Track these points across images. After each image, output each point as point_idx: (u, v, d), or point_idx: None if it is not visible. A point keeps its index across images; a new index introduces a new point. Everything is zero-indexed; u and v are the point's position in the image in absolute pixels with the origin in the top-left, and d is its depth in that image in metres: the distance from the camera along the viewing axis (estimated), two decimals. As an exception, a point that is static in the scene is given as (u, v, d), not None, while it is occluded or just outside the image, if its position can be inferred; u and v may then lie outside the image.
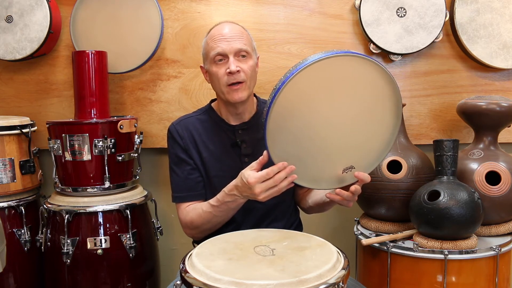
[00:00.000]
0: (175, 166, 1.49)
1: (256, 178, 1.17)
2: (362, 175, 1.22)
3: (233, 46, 1.38)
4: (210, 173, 1.46)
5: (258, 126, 1.49)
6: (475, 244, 1.46)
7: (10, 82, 2.06)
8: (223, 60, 1.39)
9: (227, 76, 1.38)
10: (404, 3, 1.86)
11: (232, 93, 1.39)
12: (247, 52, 1.40)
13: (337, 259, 1.04)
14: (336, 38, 1.97)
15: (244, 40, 1.41)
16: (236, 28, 1.43)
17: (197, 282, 0.95)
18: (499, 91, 1.96)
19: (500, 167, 1.57)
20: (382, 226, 1.66)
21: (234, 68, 1.36)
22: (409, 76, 1.98)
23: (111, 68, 1.91)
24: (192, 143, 1.47)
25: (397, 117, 1.22)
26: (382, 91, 1.17)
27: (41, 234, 1.79)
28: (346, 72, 1.13)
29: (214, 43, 1.40)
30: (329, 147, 1.19)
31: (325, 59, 1.08)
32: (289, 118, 1.12)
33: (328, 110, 1.16)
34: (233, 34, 1.40)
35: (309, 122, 1.15)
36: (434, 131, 1.99)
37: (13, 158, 1.78)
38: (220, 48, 1.38)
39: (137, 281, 1.76)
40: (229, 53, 1.38)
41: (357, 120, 1.19)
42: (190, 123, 1.50)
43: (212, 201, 1.36)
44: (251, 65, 1.41)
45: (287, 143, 1.15)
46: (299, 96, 1.11)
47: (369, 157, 1.25)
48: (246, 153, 1.47)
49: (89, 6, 1.94)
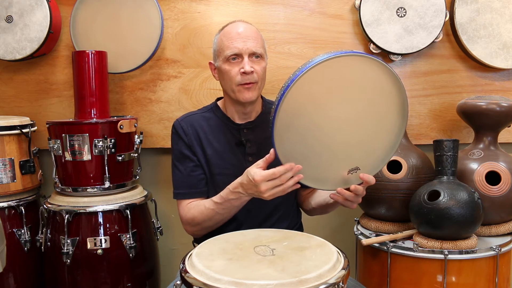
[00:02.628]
0: (178, 162, 1.48)
1: (262, 176, 1.18)
2: (367, 177, 1.22)
3: (248, 47, 1.38)
4: (214, 171, 1.46)
5: (264, 126, 1.48)
6: (475, 244, 1.46)
7: (10, 82, 2.06)
8: (236, 59, 1.39)
9: (241, 75, 1.38)
10: (404, 3, 1.86)
11: (244, 91, 1.39)
12: (261, 54, 1.41)
13: (337, 259, 1.04)
14: (336, 38, 1.97)
15: (259, 41, 1.42)
16: (252, 28, 1.43)
17: (197, 282, 0.95)
18: (499, 91, 1.96)
19: (500, 167, 1.57)
20: (382, 226, 1.66)
21: (248, 69, 1.36)
22: (409, 76, 1.98)
23: (111, 68, 1.91)
24: (197, 140, 1.47)
25: (403, 117, 1.22)
26: (388, 92, 1.18)
27: (41, 234, 1.79)
28: (352, 72, 1.13)
29: (229, 41, 1.39)
30: (335, 146, 1.20)
31: (332, 59, 1.08)
32: (296, 117, 1.13)
33: (335, 109, 1.16)
34: (249, 34, 1.40)
35: (316, 122, 1.15)
36: (434, 131, 1.99)
37: (13, 158, 1.78)
38: (235, 48, 1.37)
39: (137, 281, 1.76)
40: (244, 53, 1.38)
41: (363, 120, 1.19)
42: (195, 120, 1.50)
43: (216, 198, 1.36)
44: (264, 66, 1.42)
45: (294, 142, 1.16)
46: (307, 96, 1.12)
47: (375, 158, 1.25)
48: (251, 152, 1.46)
49: (89, 6, 1.94)
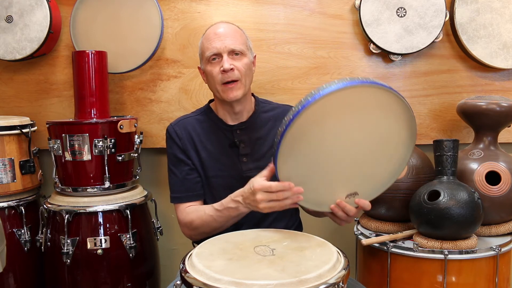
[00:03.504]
0: (173, 167, 1.49)
1: (261, 185, 1.18)
2: (362, 203, 1.23)
3: (226, 45, 1.39)
4: (209, 173, 1.47)
5: (256, 126, 1.50)
6: (475, 244, 1.46)
7: (10, 82, 2.06)
8: (217, 59, 1.41)
9: (221, 74, 1.39)
10: (404, 3, 1.86)
11: (227, 91, 1.41)
12: (241, 51, 1.42)
13: (337, 259, 1.04)
14: (336, 38, 1.97)
15: (238, 38, 1.43)
16: (230, 27, 1.45)
17: (197, 282, 0.95)
18: (499, 91, 1.96)
19: (500, 167, 1.57)
20: (382, 226, 1.66)
21: (227, 66, 1.38)
22: (409, 76, 1.98)
23: (111, 68, 1.91)
24: (191, 143, 1.48)
25: (409, 149, 1.21)
26: (398, 123, 1.16)
27: (41, 234, 1.79)
28: (363, 102, 1.11)
29: (208, 43, 1.42)
30: (336, 172, 1.19)
31: (347, 89, 1.05)
32: (302, 142, 1.12)
33: (342, 136, 1.15)
34: (227, 33, 1.42)
35: (321, 148, 1.14)
36: (434, 131, 1.99)
37: (13, 158, 1.78)
38: (214, 48, 1.40)
39: (137, 281, 1.76)
40: (222, 52, 1.39)
41: (368, 148, 1.18)
42: (189, 123, 1.51)
43: (216, 205, 1.36)
44: (246, 63, 1.42)
45: (296, 164, 1.15)
46: (315, 123, 1.10)
47: (374, 185, 1.25)
48: (245, 152, 1.47)
49: (89, 6, 1.94)
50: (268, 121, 1.52)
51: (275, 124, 1.51)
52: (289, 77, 1.99)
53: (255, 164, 1.46)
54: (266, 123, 1.52)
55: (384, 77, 1.98)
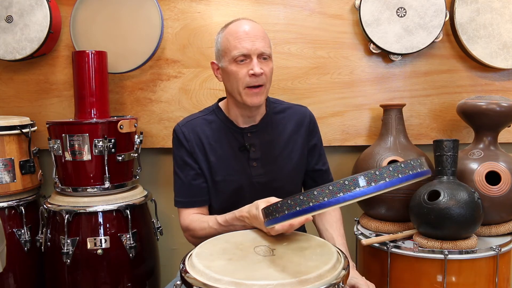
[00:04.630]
0: (179, 170, 1.43)
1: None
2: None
3: (257, 47, 1.31)
4: (216, 177, 1.42)
5: (268, 129, 1.45)
6: (475, 244, 1.46)
7: (10, 82, 2.06)
8: (245, 60, 1.32)
9: (249, 77, 1.31)
10: (404, 3, 1.86)
11: (252, 96, 1.33)
12: (269, 55, 1.36)
13: (337, 259, 1.04)
14: (336, 38, 1.97)
15: (267, 41, 1.36)
16: (259, 27, 1.37)
17: (197, 282, 0.95)
18: (499, 91, 1.96)
19: (500, 167, 1.57)
20: (382, 226, 1.66)
21: (258, 71, 1.30)
22: (409, 76, 1.98)
23: (111, 68, 1.91)
24: (199, 146, 1.41)
25: None
26: None
27: (41, 234, 1.79)
28: None
29: (237, 41, 1.32)
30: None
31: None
32: None
33: None
34: (257, 33, 1.33)
35: None
36: (434, 131, 1.99)
37: (13, 158, 1.78)
38: (244, 48, 1.31)
39: (137, 281, 1.76)
40: (252, 54, 1.31)
41: None
42: (197, 124, 1.44)
43: (220, 219, 1.32)
44: (272, 67, 1.37)
45: None
46: None
47: None
48: (255, 157, 1.42)
49: (89, 6, 1.94)
50: (279, 124, 1.47)
51: (286, 126, 1.46)
52: (289, 77, 1.99)
53: (265, 169, 1.42)
54: (277, 125, 1.46)
55: (384, 77, 1.98)
